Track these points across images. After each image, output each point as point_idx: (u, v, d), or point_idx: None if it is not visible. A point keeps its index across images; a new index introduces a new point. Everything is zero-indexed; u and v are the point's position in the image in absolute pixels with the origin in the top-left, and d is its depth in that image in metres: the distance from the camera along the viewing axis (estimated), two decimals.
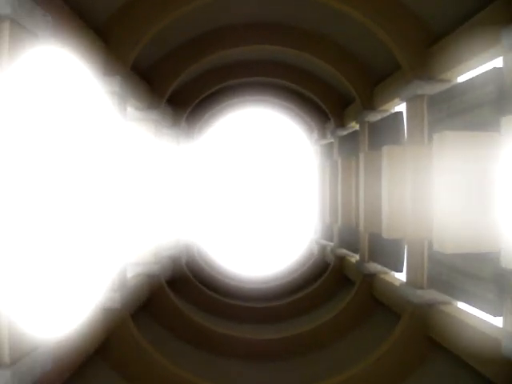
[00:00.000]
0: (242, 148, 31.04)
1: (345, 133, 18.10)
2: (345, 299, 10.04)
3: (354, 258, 13.46)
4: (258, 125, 30.45)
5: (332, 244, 16.04)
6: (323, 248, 18.48)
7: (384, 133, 13.39)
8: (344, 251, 14.03)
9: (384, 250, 10.99)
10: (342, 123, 18.56)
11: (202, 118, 20.92)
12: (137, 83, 12.91)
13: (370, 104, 14.45)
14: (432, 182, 8.93)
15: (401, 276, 9.90)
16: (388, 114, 13.77)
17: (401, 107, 12.67)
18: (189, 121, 20.65)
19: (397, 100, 12.36)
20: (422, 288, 9.18)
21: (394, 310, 10.41)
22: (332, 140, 20.76)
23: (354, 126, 17.31)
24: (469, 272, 8.99)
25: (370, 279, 10.09)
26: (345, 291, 12.80)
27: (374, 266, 10.44)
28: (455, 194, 7.77)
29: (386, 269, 9.86)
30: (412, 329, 8.59)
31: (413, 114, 10.45)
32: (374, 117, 14.33)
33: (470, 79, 9.58)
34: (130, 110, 13.97)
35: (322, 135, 22.39)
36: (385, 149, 10.53)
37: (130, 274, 11.91)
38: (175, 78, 14.35)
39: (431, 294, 8.89)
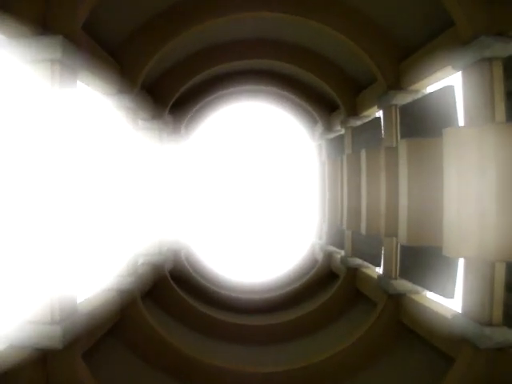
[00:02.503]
0: (238, 145, 30.63)
1: (358, 122, 16.19)
2: (367, 321, 9.60)
3: (370, 269, 12.88)
4: (254, 119, 29.67)
5: (342, 252, 15.81)
6: (329, 255, 19.09)
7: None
8: (358, 261, 13.97)
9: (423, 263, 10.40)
10: (355, 112, 16.47)
11: (192, 110, 20.19)
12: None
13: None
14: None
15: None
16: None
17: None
18: (176, 115, 20.03)
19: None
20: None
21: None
22: (342, 132, 18.25)
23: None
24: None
25: (397, 300, 9.44)
26: (361, 309, 11.73)
27: (402, 284, 9.74)
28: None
29: (417, 287, 9.53)
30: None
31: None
32: None
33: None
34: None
35: (328, 127, 20.50)
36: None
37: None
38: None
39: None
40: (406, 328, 8.83)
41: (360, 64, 14.78)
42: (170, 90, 15.82)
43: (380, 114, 13.97)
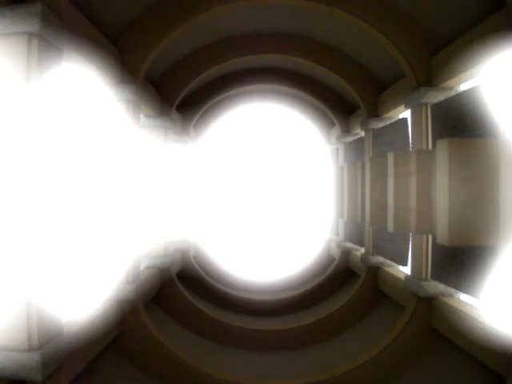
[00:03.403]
0: (249, 146, 29.64)
1: (380, 124, 15.04)
2: (395, 327, 9.13)
3: (393, 267, 12.44)
4: (266, 121, 28.50)
5: (362, 249, 15.15)
6: (347, 253, 18.02)
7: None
8: (380, 259, 13.59)
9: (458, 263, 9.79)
10: (376, 113, 15.13)
11: (201, 110, 18.90)
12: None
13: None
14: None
15: None
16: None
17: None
18: (185, 115, 18.99)
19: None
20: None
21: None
22: (362, 135, 17.22)
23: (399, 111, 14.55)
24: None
25: (428, 305, 8.99)
26: (384, 312, 11.62)
27: (435, 286, 9.27)
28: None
29: (451, 290, 9.05)
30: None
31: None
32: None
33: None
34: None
35: (346, 130, 19.14)
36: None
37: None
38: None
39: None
40: (438, 334, 8.30)
41: (384, 60, 13.55)
42: (177, 86, 14.70)
43: (407, 114, 12.72)
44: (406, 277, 10.32)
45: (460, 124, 9.83)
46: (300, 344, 12.09)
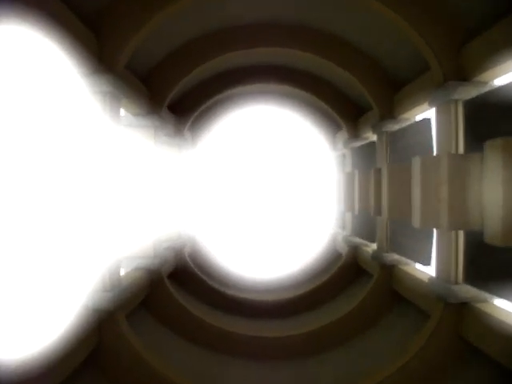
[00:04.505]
0: (250, 151, 28.29)
1: (396, 126, 12.95)
2: (420, 336, 8.34)
3: (409, 266, 11.26)
4: (265, 124, 26.10)
5: (373, 245, 13.60)
6: (355, 248, 16.88)
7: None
8: (395, 257, 12.26)
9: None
10: (391, 114, 13.10)
11: (196, 111, 17.16)
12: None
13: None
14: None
15: None
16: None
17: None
18: (179, 116, 17.14)
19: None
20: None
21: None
22: (373, 139, 14.94)
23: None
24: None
25: (458, 311, 8.18)
26: (401, 317, 11.02)
27: (466, 290, 8.17)
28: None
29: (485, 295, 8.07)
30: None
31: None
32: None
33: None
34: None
35: (354, 134, 17.14)
36: None
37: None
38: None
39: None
40: (469, 345, 7.42)
41: (401, 53, 12.03)
42: (168, 81, 13.14)
43: (429, 113, 11.15)
44: (431, 279, 9.03)
45: (500, 123, 8.28)
46: (305, 353, 11.08)
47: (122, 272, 10.62)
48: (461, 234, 8.42)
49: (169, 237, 15.03)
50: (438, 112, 9.51)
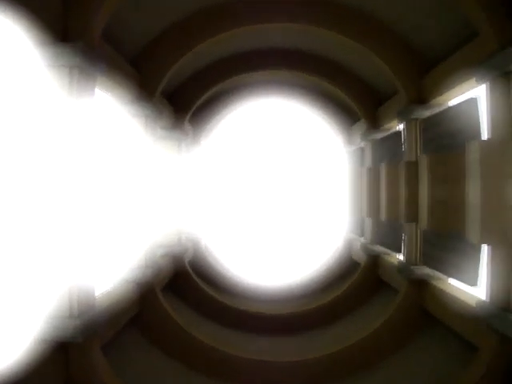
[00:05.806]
0: (259, 146, 26.44)
1: (427, 112, 11.17)
2: (471, 368, 7.58)
3: (443, 281, 9.94)
4: (274, 117, 24.60)
5: (399, 256, 12.63)
6: (374, 258, 15.93)
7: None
8: (427, 270, 10.62)
9: None
10: (421, 99, 11.39)
11: (198, 102, 15.69)
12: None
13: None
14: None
15: None
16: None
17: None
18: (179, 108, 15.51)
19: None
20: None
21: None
22: (398, 128, 13.23)
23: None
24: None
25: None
26: (433, 338, 9.79)
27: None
28: None
29: None
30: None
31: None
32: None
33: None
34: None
35: (374, 125, 15.31)
36: None
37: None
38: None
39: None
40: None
41: (432, 29, 10.24)
42: (160, 64, 11.33)
43: (467, 97, 9.25)
44: (479, 303, 7.58)
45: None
46: (326, 379, 10.35)
47: (106, 289, 9.04)
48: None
49: (166, 242, 13.39)
50: (490, 88, 7.60)
